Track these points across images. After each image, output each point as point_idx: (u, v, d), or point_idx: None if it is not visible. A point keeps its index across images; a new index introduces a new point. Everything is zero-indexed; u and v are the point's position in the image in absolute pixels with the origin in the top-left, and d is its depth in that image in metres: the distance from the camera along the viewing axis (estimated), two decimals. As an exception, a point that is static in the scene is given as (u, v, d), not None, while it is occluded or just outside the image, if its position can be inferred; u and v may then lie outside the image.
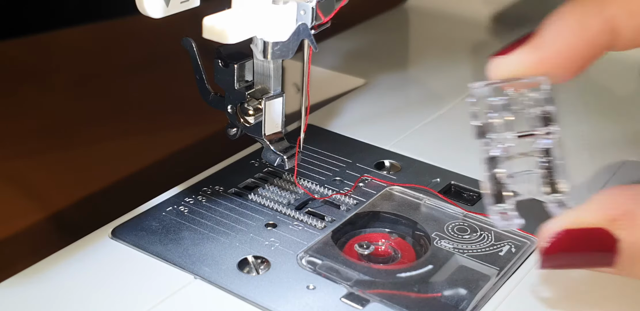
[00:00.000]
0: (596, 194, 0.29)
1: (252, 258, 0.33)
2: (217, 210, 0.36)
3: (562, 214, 0.29)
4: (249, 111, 0.36)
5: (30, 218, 0.43)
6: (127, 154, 0.50)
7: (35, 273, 0.32)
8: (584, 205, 0.29)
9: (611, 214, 0.28)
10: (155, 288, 0.31)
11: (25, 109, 0.55)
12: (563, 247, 0.28)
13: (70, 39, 0.66)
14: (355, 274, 0.32)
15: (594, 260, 0.29)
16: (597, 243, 0.28)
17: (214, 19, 0.30)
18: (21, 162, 0.49)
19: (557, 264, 0.29)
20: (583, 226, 0.28)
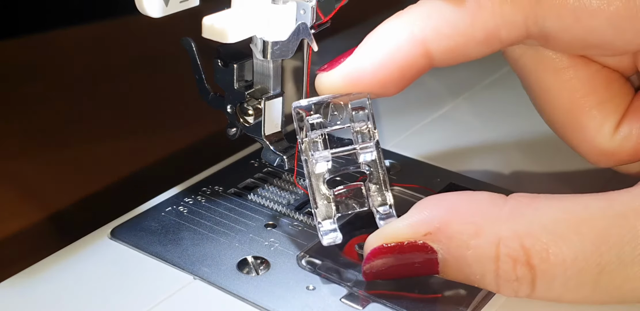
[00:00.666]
0: (415, 205, 0.30)
1: (251, 259, 0.33)
2: (216, 210, 0.36)
3: (381, 228, 0.30)
4: (248, 111, 0.36)
5: (30, 218, 0.43)
6: (126, 154, 0.50)
7: (35, 273, 0.32)
8: (401, 218, 0.29)
9: (426, 228, 0.28)
10: (155, 289, 0.31)
11: (25, 109, 0.55)
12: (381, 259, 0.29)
13: (70, 39, 0.66)
14: (355, 274, 0.32)
15: (417, 270, 0.29)
16: (416, 254, 0.29)
17: (214, 19, 0.29)
18: (21, 162, 0.49)
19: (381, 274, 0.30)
20: (399, 240, 0.29)
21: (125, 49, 0.64)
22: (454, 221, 0.28)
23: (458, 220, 0.28)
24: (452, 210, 0.29)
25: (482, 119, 0.47)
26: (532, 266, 0.27)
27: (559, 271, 0.27)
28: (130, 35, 0.66)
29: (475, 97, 0.49)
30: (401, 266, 0.29)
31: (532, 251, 0.27)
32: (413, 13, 0.31)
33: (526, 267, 0.27)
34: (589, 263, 0.27)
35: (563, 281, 0.27)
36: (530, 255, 0.27)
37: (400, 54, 0.31)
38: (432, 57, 0.31)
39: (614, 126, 0.32)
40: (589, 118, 0.32)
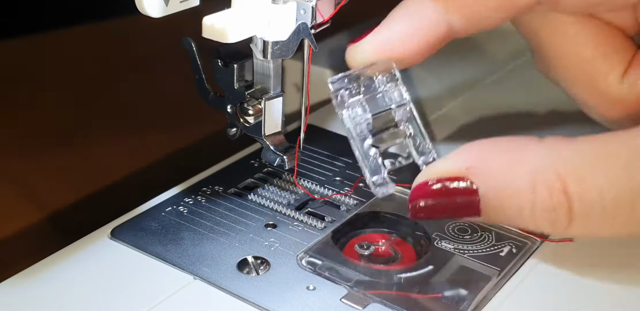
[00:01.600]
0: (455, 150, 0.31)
1: (251, 259, 0.33)
2: (216, 210, 0.36)
3: (424, 168, 0.31)
4: (248, 111, 0.36)
5: (30, 218, 0.43)
6: (126, 154, 0.50)
7: (35, 273, 0.32)
8: (442, 158, 0.31)
9: (466, 163, 0.29)
10: (155, 289, 0.31)
11: (25, 109, 0.55)
12: (425, 196, 0.30)
13: (70, 39, 0.66)
14: (355, 274, 0.32)
15: (460, 209, 0.30)
16: (458, 191, 0.29)
17: (214, 19, 0.29)
18: (21, 162, 0.49)
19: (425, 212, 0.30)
20: (441, 175, 0.30)
21: (125, 49, 0.64)
22: (493, 155, 0.29)
23: (497, 154, 0.29)
24: (491, 146, 0.30)
25: (482, 119, 0.47)
26: (568, 193, 0.28)
27: (595, 198, 0.28)
28: (130, 35, 0.66)
29: (475, 97, 0.49)
30: (444, 203, 0.30)
31: (568, 180, 0.28)
32: None
33: (563, 194, 0.28)
34: (623, 188, 0.27)
35: (599, 210, 0.28)
36: (566, 183, 0.28)
37: (425, 24, 0.33)
38: (452, 25, 0.33)
39: (621, 75, 0.34)
40: (596, 69, 0.34)
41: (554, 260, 0.34)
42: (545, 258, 0.34)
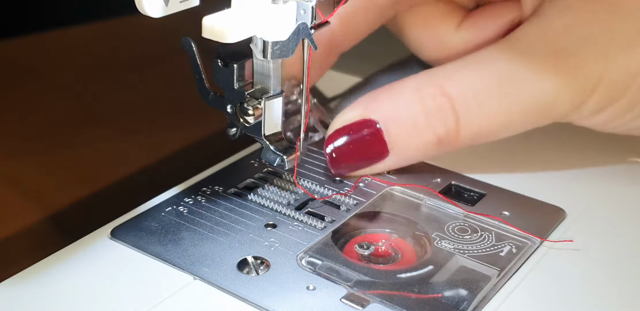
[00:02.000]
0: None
1: (251, 259, 0.33)
2: (216, 210, 0.36)
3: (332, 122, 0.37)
4: (248, 111, 0.36)
5: (30, 218, 0.43)
6: (126, 154, 0.50)
7: (35, 273, 0.32)
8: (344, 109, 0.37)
9: (362, 105, 0.36)
10: (155, 289, 0.31)
11: (25, 109, 0.55)
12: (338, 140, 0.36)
13: (69, 39, 0.66)
14: (355, 275, 0.32)
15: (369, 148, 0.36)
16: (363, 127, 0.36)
17: (214, 19, 0.29)
18: (21, 162, 0.49)
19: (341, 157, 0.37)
20: (345, 122, 0.36)
21: (125, 49, 0.64)
22: (382, 92, 0.36)
23: (384, 90, 0.36)
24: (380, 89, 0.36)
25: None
26: (447, 94, 0.35)
27: (468, 92, 0.34)
28: (130, 35, 0.66)
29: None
30: (356, 144, 0.36)
31: (444, 85, 0.35)
32: None
33: (443, 96, 0.35)
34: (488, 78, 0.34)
35: (474, 102, 0.34)
36: (443, 87, 0.35)
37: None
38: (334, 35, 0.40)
39: (455, 28, 0.43)
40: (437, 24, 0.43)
41: (553, 260, 0.34)
42: (545, 258, 0.34)
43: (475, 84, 0.34)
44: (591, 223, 0.36)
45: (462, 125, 0.35)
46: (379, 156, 0.36)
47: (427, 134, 0.35)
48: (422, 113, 0.35)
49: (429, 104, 0.35)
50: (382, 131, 0.35)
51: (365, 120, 0.35)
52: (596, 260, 0.34)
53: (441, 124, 0.35)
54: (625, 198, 0.38)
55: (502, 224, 0.36)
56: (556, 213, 0.37)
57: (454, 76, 0.35)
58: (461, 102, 0.34)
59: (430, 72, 0.36)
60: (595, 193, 0.39)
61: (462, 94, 0.34)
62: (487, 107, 0.34)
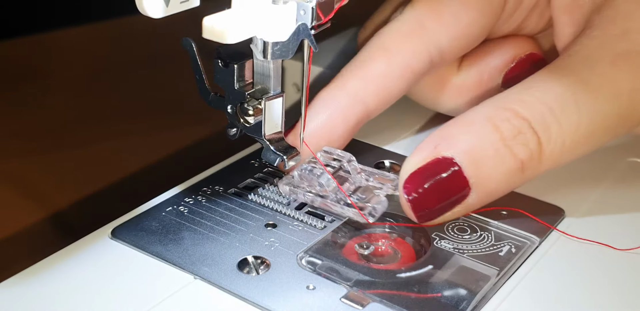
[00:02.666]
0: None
1: (252, 258, 0.33)
2: (216, 210, 0.36)
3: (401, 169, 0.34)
4: (248, 111, 0.36)
5: (30, 218, 0.43)
6: (127, 154, 0.50)
7: (35, 273, 0.32)
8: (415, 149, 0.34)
9: (432, 143, 0.33)
10: (155, 288, 0.31)
11: (26, 109, 0.55)
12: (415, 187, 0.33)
13: (70, 39, 0.66)
14: (355, 274, 0.32)
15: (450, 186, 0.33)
16: (439, 167, 0.32)
17: (214, 19, 0.30)
18: (21, 162, 0.49)
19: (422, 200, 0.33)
20: (417, 165, 0.33)
21: (125, 49, 0.64)
22: (449, 128, 0.33)
23: (451, 125, 0.34)
24: (445, 125, 0.34)
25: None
26: (522, 115, 0.32)
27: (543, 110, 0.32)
28: (130, 35, 0.66)
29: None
30: (435, 185, 0.33)
31: (515, 107, 0.32)
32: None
33: (518, 118, 0.32)
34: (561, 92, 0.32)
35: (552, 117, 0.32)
36: (515, 110, 0.32)
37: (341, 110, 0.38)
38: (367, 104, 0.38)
39: (457, 67, 0.42)
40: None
41: (553, 260, 0.34)
42: (545, 258, 0.34)
43: (548, 100, 0.32)
44: (591, 223, 0.36)
45: (545, 144, 0.32)
46: (461, 196, 0.33)
47: (509, 161, 0.32)
48: (500, 139, 0.32)
49: (505, 129, 0.32)
50: (461, 167, 0.32)
51: (440, 159, 0.32)
52: (596, 260, 0.34)
53: (522, 147, 0.32)
54: (625, 198, 0.39)
55: (501, 224, 0.36)
56: (556, 212, 0.37)
57: (522, 97, 0.33)
58: (538, 120, 0.32)
59: (497, 99, 0.33)
60: (595, 193, 0.39)
61: (538, 112, 0.32)
62: (566, 122, 0.32)
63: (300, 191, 0.36)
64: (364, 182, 0.36)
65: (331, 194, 0.35)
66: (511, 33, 0.42)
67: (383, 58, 0.38)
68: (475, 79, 0.42)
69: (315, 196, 0.36)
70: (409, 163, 0.33)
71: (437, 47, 0.39)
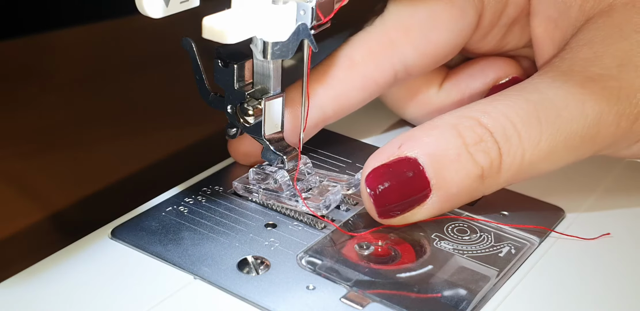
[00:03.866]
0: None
1: (251, 258, 0.33)
2: (216, 210, 0.36)
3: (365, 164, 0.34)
4: (248, 111, 0.36)
5: (30, 218, 0.43)
6: (127, 154, 0.50)
7: (35, 273, 0.32)
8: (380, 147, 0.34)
9: (396, 143, 0.34)
10: (155, 288, 0.31)
11: (25, 109, 0.55)
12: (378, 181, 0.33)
13: (70, 39, 0.66)
14: (355, 274, 0.32)
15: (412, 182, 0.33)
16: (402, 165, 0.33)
17: (214, 19, 0.30)
18: (21, 162, 0.49)
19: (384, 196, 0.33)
20: (381, 162, 0.33)
21: (125, 49, 0.64)
22: (416, 130, 0.34)
23: (418, 129, 0.34)
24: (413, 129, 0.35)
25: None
26: (484, 124, 0.33)
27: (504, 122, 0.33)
28: (130, 35, 0.66)
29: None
30: (396, 182, 0.33)
31: (479, 117, 0.33)
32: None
33: (481, 127, 0.33)
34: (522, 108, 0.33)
35: (512, 130, 0.33)
36: (479, 119, 0.33)
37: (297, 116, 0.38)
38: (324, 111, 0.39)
39: (438, 87, 0.43)
40: (419, 84, 0.43)
41: (552, 261, 0.34)
42: (544, 259, 0.34)
43: (511, 114, 0.33)
44: (591, 223, 0.36)
45: (505, 155, 0.33)
46: (422, 197, 0.33)
47: (470, 166, 0.33)
48: (463, 144, 0.33)
49: (468, 135, 0.33)
50: (423, 168, 0.33)
51: (404, 157, 0.33)
52: (595, 260, 0.34)
53: (483, 155, 0.33)
54: (624, 198, 0.39)
55: (501, 224, 0.36)
56: (556, 212, 0.37)
57: (487, 108, 0.33)
58: (499, 131, 0.33)
59: (462, 109, 0.34)
60: (595, 193, 0.39)
61: (499, 124, 0.33)
62: (526, 136, 0.33)
63: (254, 188, 0.37)
64: (317, 183, 0.37)
65: (285, 190, 0.36)
66: (493, 49, 0.42)
67: (346, 67, 0.39)
68: (456, 100, 0.43)
69: (269, 194, 0.36)
70: (372, 159, 0.34)
71: (402, 63, 0.39)
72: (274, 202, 0.36)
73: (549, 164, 0.34)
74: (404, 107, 0.44)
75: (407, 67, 0.39)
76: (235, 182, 0.37)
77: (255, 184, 0.37)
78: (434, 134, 0.33)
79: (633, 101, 0.33)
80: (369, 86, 0.39)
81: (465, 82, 0.42)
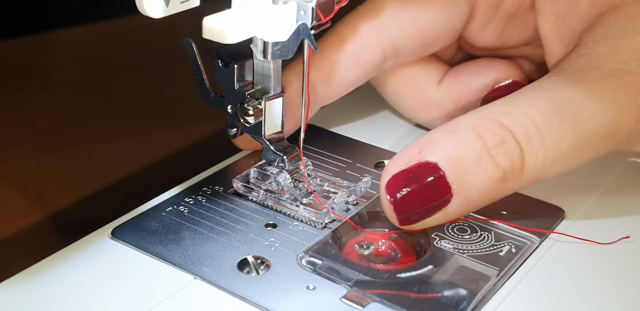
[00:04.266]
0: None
1: (252, 258, 0.33)
2: (217, 210, 0.36)
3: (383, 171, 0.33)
4: (248, 111, 0.36)
5: (30, 218, 0.43)
6: (127, 154, 0.50)
7: (35, 273, 0.32)
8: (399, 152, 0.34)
9: (416, 148, 0.33)
10: (155, 288, 0.31)
11: (25, 109, 0.55)
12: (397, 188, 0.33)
13: (70, 39, 0.66)
14: (355, 274, 0.32)
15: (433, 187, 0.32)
16: (422, 170, 0.32)
17: (214, 19, 0.30)
18: (21, 162, 0.49)
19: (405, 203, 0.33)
20: (400, 168, 0.33)
21: (125, 50, 0.64)
22: (434, 134, 0.33)
23: (436, 132, 0.34)
24: (431, 132, 0.34)
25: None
26: (506, 125, 0.32)
27: (526, 122, 0.32)
28: (130, 35, 0.66)
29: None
30: (418, 188, 0.33)
31: (500, 118, 0.32)
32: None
33: (502, 128, 0.32)
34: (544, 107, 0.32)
35: (535, 130, 0.32)
36: (500, 121, 0.32)
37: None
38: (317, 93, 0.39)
39: (437, 84, 0.43)
40: (418, 80, 0.43)
41: (553, 260, 0.34)
42: (545, 258, 0.34)
43: (532, 114, 0.32)
44: (591, 223, 0.36)
45: (527, 156, 0.32)
46: (443, 201, 0.33)
47: (491, 170, 0.32)
48: (484, 148, 0.32)
49: (489, 138, 0.32)
50: (444, 172, 0.32)
51: (424, 162, 0.32)
52: (595, 260, 0.34)
53: (505, 157, 0.32)
54: (624, 198, 0.39)
55: (501, 224, 0.36)
56: (556, 212, 0.37)
57: (507, 109, 0.33)
58: (521, 132, 0.32)
59: (482, 110, 0.34)
60: (595, 193, 0.39)
61: (521, 124, 0.32)
62: (548, 136, 0.32)
63: (255, 188, 0.37)
64: (317, 186, 0.37)
65: (287, 193, 0.36)
66: (494, 44, 0.42)
67: (336, 46, 0.39)
68: (453, 98, 0.43)
69: (269, 195, 0.36)
70: (392, 165, 0.33)
71: (390, 43, 0.40)
72: (274, 204, 0.36)
73: (570, 163, 0.33)
74: (403, 102, 0.44)
75: (394, 48, 0.40)
76: (236, 180, 0.37)
77: (256, 183, 0.37)
78: (454, 137, 0.33)
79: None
80: (359, 64, 0.40)
81: (464, 81, 0.42)
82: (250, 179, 0.37)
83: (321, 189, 0.37)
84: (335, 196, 0.36)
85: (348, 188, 0.37)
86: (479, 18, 0.41)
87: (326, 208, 0.35)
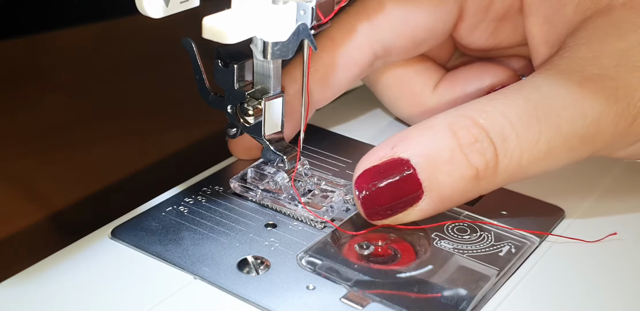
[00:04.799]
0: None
1: (251, 258, 0.33)
2: (216, 210, 0.36)
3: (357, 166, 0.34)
4: (248, 111, 0.36)
5: (30, 218, 0.43)
6: (127, 154, 0.50)
7: (35, 273, 0.32)
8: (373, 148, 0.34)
9: (390, 144, 0.33)
10: (155, 289, 0.31)
11: (25, 109, 0.55)
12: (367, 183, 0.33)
13: (70, 39, 0.66)
14: (355, 274, 0.32)
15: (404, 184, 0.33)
16: (394, 166, 0.33)
17: (214, 19, 0.30)
18: (21, 162, 0.49)
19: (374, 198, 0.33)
20: (372, 163, 0.33)
21: (125, 50, 0.64)
22: (410, 131, 0.34)
23: (412, 129, 0.34)
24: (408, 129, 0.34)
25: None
26: (480, 125, 0.32)
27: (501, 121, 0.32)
28: (130, 35, 0.66)
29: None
30: (388, 184, 0.33)
31: (475, 116, 0.32)
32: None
33: (476, 127, 0.32)
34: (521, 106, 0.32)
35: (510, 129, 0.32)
36: (474, 119, 0.32)
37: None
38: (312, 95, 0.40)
39: (432, 88, 0.43)
40: (414, 84, 0.43)
41: (552, 260, 0.34)
42: (544, 258, 0.34)
43: (509, 113, 0.32)
44: (591, 223, 0.36)
45: (501, 155, 0.32)
46: (414, 198, 0.33)
47: (464, 168, 0.32)
48: (457, 146, 0.32)
49: (463, 136, 0.32)
50: (416, 169, 0.32)
51: (396, 159, 0.33)
52: (595, 260, 0.34)
53: (479, 156, 0.32)
54: (624, 198, 0.39)
55: (501, 224, 0.36)
56: (555, 212, 0.37)
57: (484, 108, 0.33)
58: (496, 131, 0.32)
59: (459, 108, 0.34)
60: (595, 193, 0.39)
61: (497, 123, 0.32)
62: (524, 136, 0.32)
63: (252, 188, 0.37)
64: (314, 185, 0.37)
65: (285, 193, 0.36)
66: (487, 46, 0.42)
67: (328, 48, 0.39)
68: (449, 102, 0.42)
69: (267, 194, 0.36)
70: (364, 161, 0.34)
71: (380, 42, 0.40)
72: (272, 204, 0.36)
73: (546, 165, 0.33)
74: (399, 105, 0.44)
75: (385, 47, 0.40)
76: (233, 180, 0.37)
77: (254, 183, 0.37)
78: (428, 134, 0.33)
79: (631, 101, 0.33)
80: (351, 66, 0.40)
81: (460, 85, 0.42)
82: (247, 179, 0.37)
83: (319, 188, 0.37)
84: (333, 194, 0.36)
85: (345, 186, 0.37)
86: (468, 19, 0.41)
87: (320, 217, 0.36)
